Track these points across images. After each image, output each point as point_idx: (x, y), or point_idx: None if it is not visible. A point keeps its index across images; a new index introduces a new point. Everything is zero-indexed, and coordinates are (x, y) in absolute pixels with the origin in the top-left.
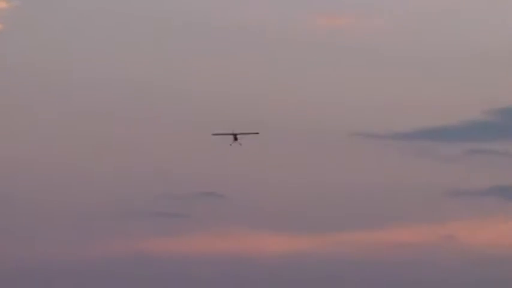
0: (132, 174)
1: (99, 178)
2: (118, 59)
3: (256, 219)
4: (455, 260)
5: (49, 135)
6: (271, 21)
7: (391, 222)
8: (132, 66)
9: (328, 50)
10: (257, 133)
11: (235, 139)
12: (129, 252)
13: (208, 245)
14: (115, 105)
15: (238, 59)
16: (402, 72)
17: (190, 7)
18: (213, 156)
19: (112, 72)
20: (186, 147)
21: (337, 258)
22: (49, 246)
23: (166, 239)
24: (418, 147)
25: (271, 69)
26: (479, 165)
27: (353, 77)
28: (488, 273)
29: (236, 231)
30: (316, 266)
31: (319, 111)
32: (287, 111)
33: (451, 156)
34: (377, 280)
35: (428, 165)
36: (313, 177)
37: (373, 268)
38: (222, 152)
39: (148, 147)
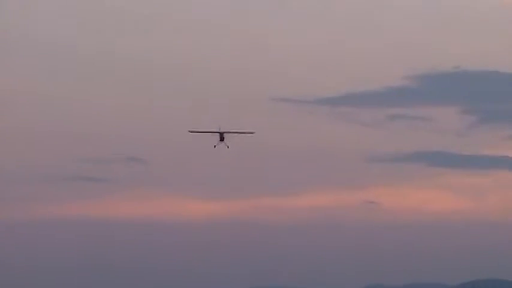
0: (53, 137)
1: (18, 142)
2: (51, 22)
3: (176, 185)
4: (376, 225)
5: None
6: None
7: (313, 187)
8: (57, 26)
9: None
10: (253, 132)
11: (222, 139)
12: (49, 216)
13: (128, 209)
14: (38, 68)
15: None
16: (325, 39)
17: None
18: (134, 121)
19: (42, 35)
20: (108, 111)
21: (256, 223)
22: None
23: (86, 202)
24: (340, 112)
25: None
26: (401, 130)
27: (276, 43)
28: (410, 238)
29: (156, 196)
30: (238, 231)
31: (242, 77)
32: (211, 77)
33: (373, 121)
34: (297, 244)
35: (350, 130)
36: (232, 144)
37: (293, 232)
38: (144, 118)
39: (68, 110)
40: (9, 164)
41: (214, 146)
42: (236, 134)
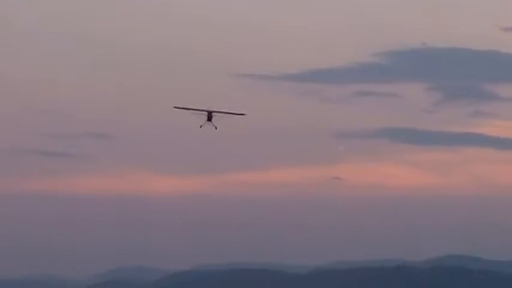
0: (19, 112)
1: None
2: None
3: (145, 161)
4: (342, 201)
5: None
6: None
7: (279, 163)
8: (24, 4)
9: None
10: (244, 114)
11: (209, 119)
12: (15, 191)
13: (96, 185)
14: (5, 46)
15: None
16: (293, 14)
17: None
18: (103, 97)
19: (7, 13)
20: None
21: (224, 198)
22: None
23: (53, 178)
24: (306, 88)
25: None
26: (368, 107)
27: (241, 20)
28: (375, 213)
29: (125, 172)
30: (206, 206)
31: (206, 53)
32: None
33: (340, 97)
34: (265, 219)
35: (316, 106)
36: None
37: (261, 208)
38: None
39: (36, 86)
40: None
41: (201, 126)
42: (226, 115)
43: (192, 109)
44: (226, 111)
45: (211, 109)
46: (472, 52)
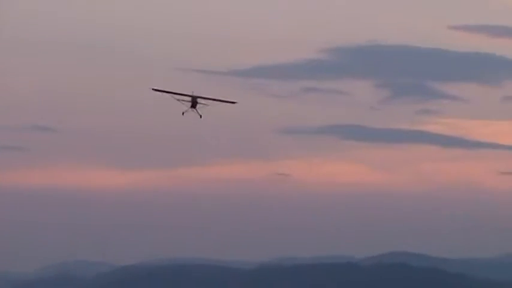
0: None
1: None
2: None
3: (90, 155)
4: (288, 197)
5: None
6: None
7: (225, 158)
8: None
9: None
10: (235, 102)
11: (194, 105)
12: None
13: (42, 179)
14: None
15: None
16: (241, 10)
17: None
18: (47, 90)
19: None
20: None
21: (170, 193)
22: None
23: None
24: (253, 84)
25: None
26: (314, 103)
27: (189, 14)
28: (321, 210)
29: (70, 166)
30: (153, 201)
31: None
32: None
33: (287, 93)
34: (211, 214)
35: (264, 102)
36: (150, 115)
37: (207, 203)
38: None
39: None
40: None
41: (183, 113)
42: (214, 102)
43: (173, 93)
44: (214, 97)
45: (196, 94)
46: (420, 50)
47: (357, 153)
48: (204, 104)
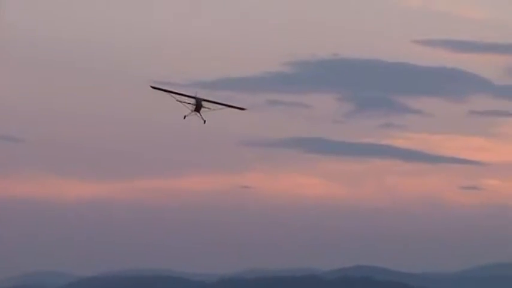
0: None
1: None
2: None
3: (56, 165)
4: (252, 209)
5: None
6: None
7: (189, 170)
8: None
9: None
10: (244, 109)
11: (198, 109)
12: None
13: (5, 189)
14: None
15: None
16: (205, 23)
17: None
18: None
19: None
20: None
21: (134, 205)
22: None
23: None
24: (217, 96)
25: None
26: (278, 116)
27: (153, 27)
28: (284, 222)
29: (35, 177)
30: (114, 212)
31: (123, 60)
32: (93, 59)
33: (251, 106)
34: (173, 226)
35: (227, 114)
36: (111, 126)
37: (170, 215)
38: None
39: None
40: None
41: (184, 117)
42: (221, 107)
43: (174, 92)
44: (221, 102)
45: (201, 97)
46: (384, 64)
47: (320, 166)
48: (208, 108)
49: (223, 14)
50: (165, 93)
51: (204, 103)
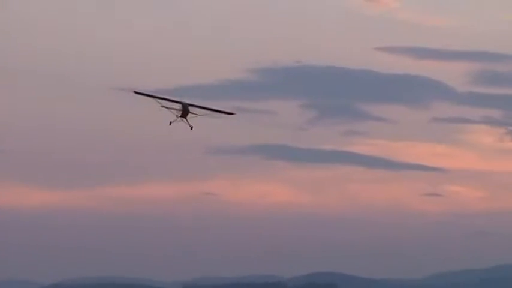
0: None
1: None
2: None
3: (19, 173)
4: (214, 218)
5: None
6: None
7: (152, 177)
8: None
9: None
10: (233, 113)
11: (184, 115)
12: None
13: None
14: None
15: None
16: (167, 30)
17: None
18: None
19: None
20: None
21: (96, 212)
22: None
23: None
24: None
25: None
26: (241, 123)
27: (114, 34)
28: (247, 230)
29: None
30: (78, 220)
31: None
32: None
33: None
34: (137, 233)
35: (191, 122)
36: (74, 134)
37: (134, 223)
38: None
39: None
40: None
41: (170, 123)
42: (208, 112)
43: (158, 97)
44: (209, 107)
45: (187, 102)
46: (347, 71)
47: (283, 173)
48: (195, 114)
49: (186, 21)
50: (145, 98)
51: (191, 108)
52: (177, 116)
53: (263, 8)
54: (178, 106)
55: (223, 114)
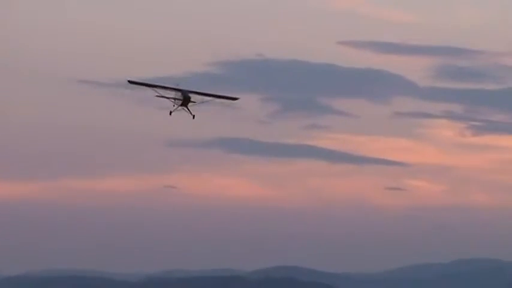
0: None
1: None
2: None
3: None
4: (175, 211)
5: None
6: None
7: (114, 170)
8: None
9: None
10: (237, 98)
11: (185, 103)
12: None
13: None
14: None
15: None
16: (130, 23)
17: None
18: None
19: None
20: None
21: (57, 205)
22: None
23: None
24: (142, 96)
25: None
26: (203, 116)
27: (78, 28)
28: (209, 222)
29: None
30: (38, 212)
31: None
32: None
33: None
34: (98, 226)
35: (152, 115)
36: (35, 126)
37: (94, 215)
38: None
39: None
40: None
41: (170, 113)
42: (211, 98)
43: (154, 86)
44: (211, 93)
45: (185, 89)
46: (309, 65)
47: (244, 167)
48: (194, 101)
49: (147, 14)
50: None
51: (192, 96)
52: (177, 105)
53: (225, 2)
54: (177, 94)
55: (226, 100)
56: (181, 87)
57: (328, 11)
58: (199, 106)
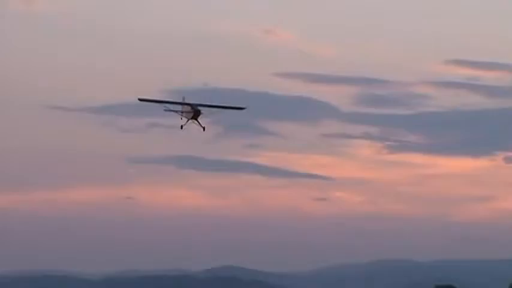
0: None
1: None
2: None
3: None
4: (133, 219)
5: None
6: None
7: (78, 183)
8: None
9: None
10: (243, 108)
11: (196, 116)
12: None
13: None
14: None
15: None
16: (90, 53)
17: None
18: None
19: None
20: None
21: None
22: None
23: None
24: (105, 120)
25: None
26: (157, 137)
27: (52, 56)
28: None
29: None
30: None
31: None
32: None
33: (133, 128)
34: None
35: (113, 135)
36: (6, 143)
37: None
38: None
39: None
40: None
41: (182, 127)
42: (219, 110)
43: (164, 102)
44: (218, 104)
45: (193, 102)
46: (248, 93)
47: (193, 180)
48: (202, 113)
49: (105, 43)
50: (153, 104)
51: (201, 108)
52: (187, 118)
53: (170, 33)
54: (188, 108)
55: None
56: (188, 102)
57: (265, 46)
58: (155, 129)
